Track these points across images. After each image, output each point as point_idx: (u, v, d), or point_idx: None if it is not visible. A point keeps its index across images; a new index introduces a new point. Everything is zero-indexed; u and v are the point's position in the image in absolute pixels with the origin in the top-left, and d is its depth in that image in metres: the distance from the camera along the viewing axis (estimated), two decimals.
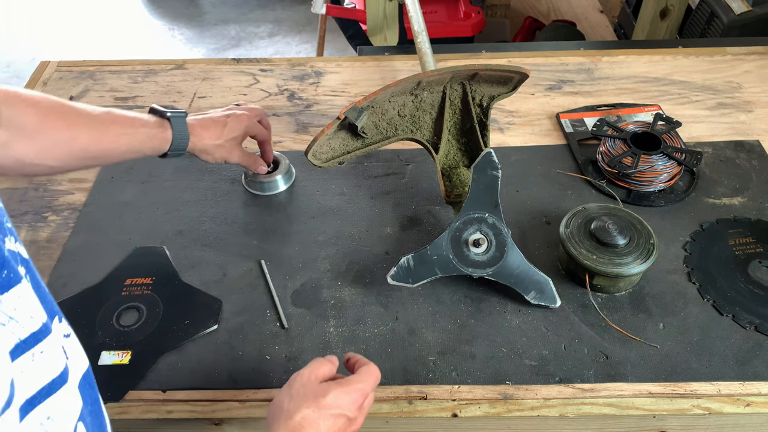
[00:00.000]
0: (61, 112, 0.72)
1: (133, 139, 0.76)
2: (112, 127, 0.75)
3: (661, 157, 0.92)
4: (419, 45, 0.99)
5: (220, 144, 0.84)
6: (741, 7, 1.54)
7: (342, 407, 0.57)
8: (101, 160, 0.77)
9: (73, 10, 3.26)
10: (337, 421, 0.57)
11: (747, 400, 0.70)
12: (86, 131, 0.73)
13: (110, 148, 0.75)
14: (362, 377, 0.60)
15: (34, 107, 0.70)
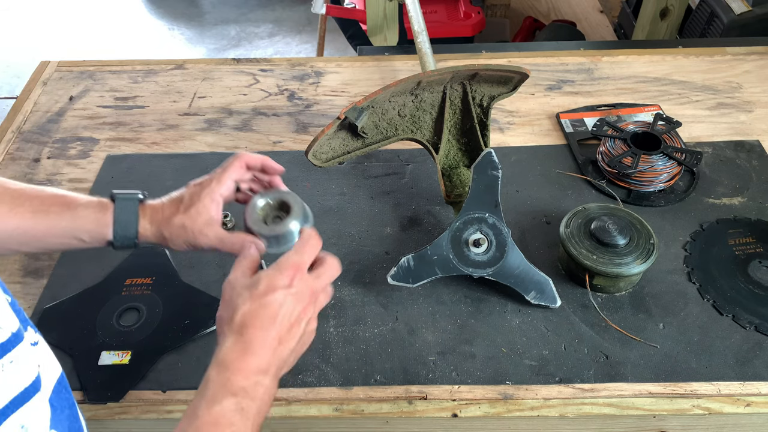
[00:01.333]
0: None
1: (58, 218, 0.63)
2: (28, 202, 0.63)
3: (661, 157, 0.92)
4: (419, 45, 1.00)
5: (178, 224, 0.64)
6: (741, 7, 1.54)
7: (279, 286, 0.54)
8: (12, 242, 0.64)
9: (73, 10, 3.26)
10: (283, 305, 0.53)
11: (747, 400, 0.70)
12: (12, 211, 0.62)
13: (23, 227, 0.63)
14: (296, 252, 0.57)
15: None
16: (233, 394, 0.51)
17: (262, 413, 0.52)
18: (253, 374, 0.52)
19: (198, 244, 0.65)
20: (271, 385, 0.53)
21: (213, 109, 1.11)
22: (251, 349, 0.52)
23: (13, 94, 2.68)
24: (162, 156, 1.01)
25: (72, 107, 1.12)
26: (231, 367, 0.52)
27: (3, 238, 0.63)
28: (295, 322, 0.55)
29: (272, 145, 1.03)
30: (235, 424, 0.49)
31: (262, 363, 0.52)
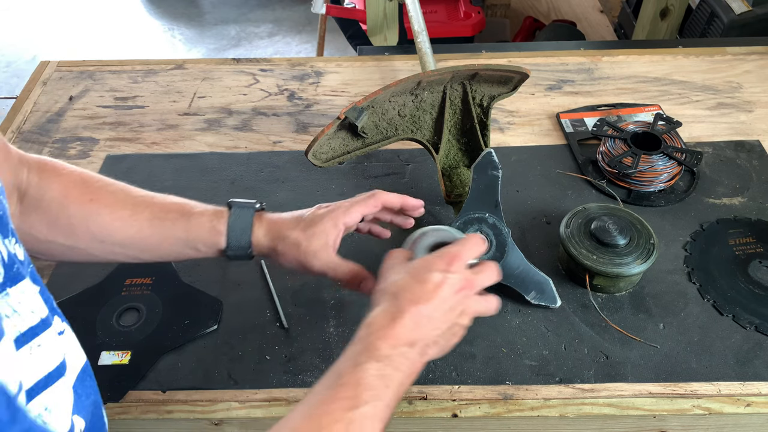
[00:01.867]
0: (88, 186, 0.62)
1: (173, 226, 0.63)
2: (147, 210, 0.63)
3: (661, 157, 0.92)
4: (419, 45, 0.99)
5: (293, 240, 0.63)
6: (741, 7, 1.54)
7: (436, 268, 0.54)
8: (133, 249, 0.63)
9: (72, 10, 3.26)
10: (438, 285, 0.54)
11: (747, 400, 0.70)
12: (111, 210, 0.62)
13: (141, 235, 0.62)
14: (457, 244, 0.58)
15: (60, 177, 0.62)
16: (377, 359, 0.51)
17: (404, 386, 0.52)
18: (399, 344, 0.52)
19: (308, 265, 0.64)
20: (416, 359, 0.53)
21: (213, 109, 1.11)
22: (401, 318, 0.52)
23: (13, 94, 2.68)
24: (162, 156, 1.01)
25: (72, 107, 1.11)
26: (378, 332, 0.52)
27: (124, 244, 0.63)
28: (447, 306, 0.54)
29: (272, 145, 1.03)
30: (375, 389, 0.49)
31: (410, 335, 0.52)
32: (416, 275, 0.55)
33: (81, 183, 0.63)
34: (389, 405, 0.50)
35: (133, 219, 0.62)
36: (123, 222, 0.62)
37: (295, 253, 0.63)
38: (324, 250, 0.63)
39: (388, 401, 0.50)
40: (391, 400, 0.50)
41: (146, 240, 0.63)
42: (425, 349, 0.54)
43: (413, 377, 0.54)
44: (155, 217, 0.63)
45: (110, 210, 0.62)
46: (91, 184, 0.63)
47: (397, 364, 0.51)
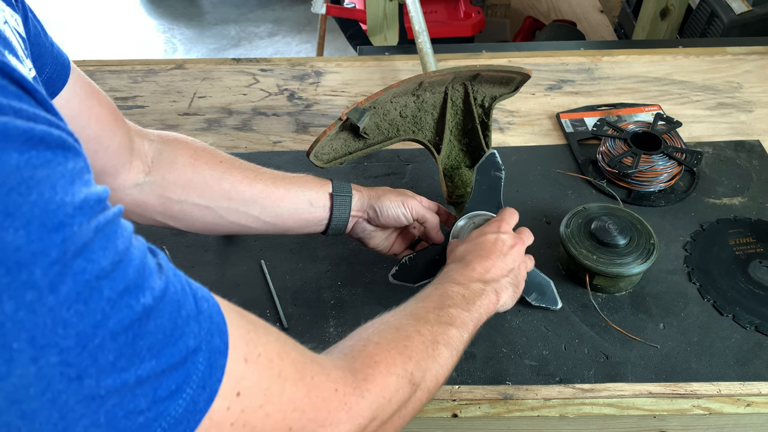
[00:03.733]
0: (215, 152, 0.70)
1: (292, 186, 0.71)
2: (268, 173, 0.72)
3: (661, 157, 0.92)
4: (420, 45, 0.99)
5: (389, 196, 0.74)
6: (741, 7, 1.54)
7: (489, 232, 0.68)
8: (256, 207, 0.70)
9: (72, 10, 3.26)
10: (494, 241, 0.67)
11: (747, 400, 0.70)
12: (240, 171, 0.70)
13: (266, 192, 0.70)
14: (498, 216, 0.72)
15: (188, 145, 0.69)
16: (458, 283, 0.62)
17: (482, 315, 0.62)
18: (472, 281, 0.63)
19: (409, 205, 0.74)
20: (490, 292, 0.64)
21: (213, 109, 1.11)
22: (470, 265, 0.64)
23: None
24: None
25: None
26: (453, 277, 0.63)
27: (250, 202, 0.69)
28: (506, 257, 0.66)
29: (272, 145, 1.03)
30: (457, 305, 0.59)
31: (481, 276, 0.64)
32: (475, 240, 0.68)
33: (207, 150, 0.70)
34: (471, 320, 0.60)
35: (258, 179, 0.70)
36: (251, 180, 0.69)
37: (394, 201, 0.74)
38: (413, 199, 0.76)
39: (470, 315, 0.60)
40: (471, 322, 0.60)
41: (271, 197, 0.70)
42: (498, 289, 0.65)
43: (489, 312, 0.63)
44: (276, 177, 0.71)
45: (239, 170, 0.69)
46: (215, 151, 0.71)
47: (474, 292, 0.62)
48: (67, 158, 0.29)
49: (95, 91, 0.60)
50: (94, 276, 0.28)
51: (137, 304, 0.30)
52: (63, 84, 0.55)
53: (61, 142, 0.29)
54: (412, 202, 0.75)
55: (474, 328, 0.60)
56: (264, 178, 0.71)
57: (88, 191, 0.30)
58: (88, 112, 0.58)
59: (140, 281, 0.31)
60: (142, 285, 0.31)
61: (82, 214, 0.29)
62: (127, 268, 0.30)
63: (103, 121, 0.60)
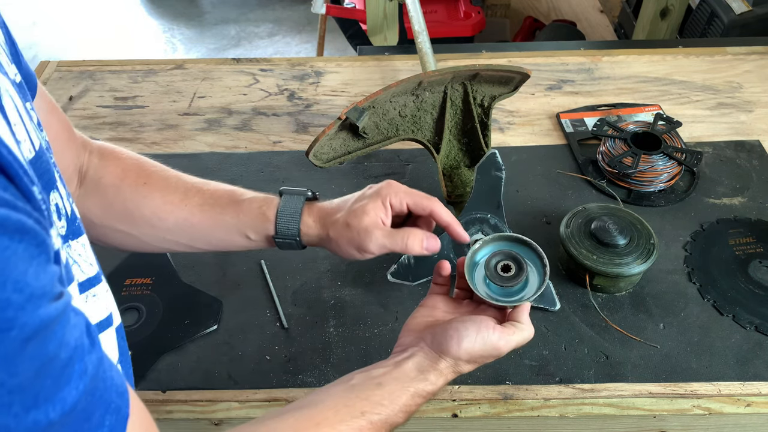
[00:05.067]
0: (144, 170, 0.63)
1: (223, 212, 0.62)
2: (198, 195, 0.63)
3: (661, 157, 0.92)
4: (420, 45, 0.99)
5: (342, 222, 0.61)
6: (741, 7, 1.54)
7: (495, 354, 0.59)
8: (184, 236, 0.63)
9: (72, 10, 3.26)
10: None
11: (747, 400, 0.70)
12: (163, 194, 0.62)
13: (192, 220, 0.62)
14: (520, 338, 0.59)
15: (119, 161, 0.63)
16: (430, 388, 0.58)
17: None
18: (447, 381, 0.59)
19: (364, 245, 0.61)
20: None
21: (213, 109, 1.11)
22: (461, 369, 0.59)
23: None
24: (162, 156, 1.00)
25: (72, 107, 1.11)
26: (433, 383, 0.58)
27: (175, 230, 0.63)
28: None
29: (272, 145, 1.03)
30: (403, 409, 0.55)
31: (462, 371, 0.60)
32: (489, 351, 0.57)
33: (137, 167, 0.64)
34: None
35: (184, 204, 0.62)
36: (174, 206, 0.62)
37: (347, 235, 0.61)
38: (375, 227, 0.61)
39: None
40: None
41: (197, 226, 0.63)
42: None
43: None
44: (205, 203, 0.63)
45: (162, 194, 0.62)
46: (147, 168, 0.64)
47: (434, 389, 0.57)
48: (22, 242, 0.28)
49: (55, 108, 0.58)
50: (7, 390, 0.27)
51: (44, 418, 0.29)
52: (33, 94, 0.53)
53: (20, 226, 0.28)
54: (370, 247, 0.61)
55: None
56: (191, 204, 0.62)
57: (37, 284, 0.29)
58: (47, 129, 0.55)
59: (55, 391, 0.29)
60: (53, 398, 0.29)
61: (24, 310, 0.28)
62: (45, 379, 0.29)
63: (59, 139, 0.58)
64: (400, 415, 0.54)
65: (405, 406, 0.54)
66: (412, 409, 0.55)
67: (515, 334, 0.58)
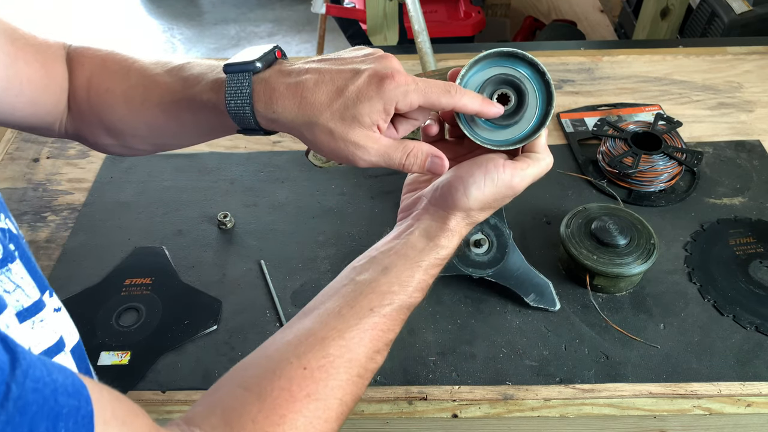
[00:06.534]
0: (105, 74, 0.57)
1: (184, 112, 0.54)
2: (157, 94, 0.55)
3: (661, 157, 0.92)
4: (420, 45, 0.99)
5: (324, 126, 0.48)
6: (742, 6, 1.54)
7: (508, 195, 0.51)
8: (165, 137, 0.58)
9: (72, 10, 3.26)
10: None
11: (748, 400, 0.70)
12: (125, 98, 0.56)
13: (158, 123, 0.56)
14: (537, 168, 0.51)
15: (82, 68, 0.58)
16: (445, 248, 0.53)
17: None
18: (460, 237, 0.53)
19: (350, 159, 0.49)
20: None
21: None
22: (474, 218, 0.53)
23: None
24: (162, 156, 1.01)
25: None
26: (448, 239, 0.52)
27: (151, 134, 0.58)
28: None
29: (272, 144, 1.03)
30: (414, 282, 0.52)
31: (476, 221, 0.54)
32: (504, 191, 0.50)
33: (99, 71, 0.58)
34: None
35: (145, 107, 0.56)
36: (137, 111, 0.56)
37: (330, 145, 0.48)
38: (368, 139, 0.48)
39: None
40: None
41: (166, 127, 0.57)
42: None
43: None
44: (163, 101, 0.55)
45: (124, 98, 0.56)
46: (108, 69, 0.58)
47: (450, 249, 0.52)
48: None
49: (19, 49, 0.54)
50: None
51: None
52: None
53: None
54: (395, 101, 0.47)
55: None
56: (151, 104, 0.55)
57: None
58: (17, 78, 0.53)
59: None
60: None
61: None
62: None
63: (34, 81, 0.55)
64: (416, 295, 0.50)
65: (419, 284, 0.50)
66: (429, 282, 0.51)
67: (530, 167, 0.50)
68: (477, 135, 0.51)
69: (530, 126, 0.51)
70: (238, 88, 0.48)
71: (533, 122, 0.51)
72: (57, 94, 0.57)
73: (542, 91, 0.51)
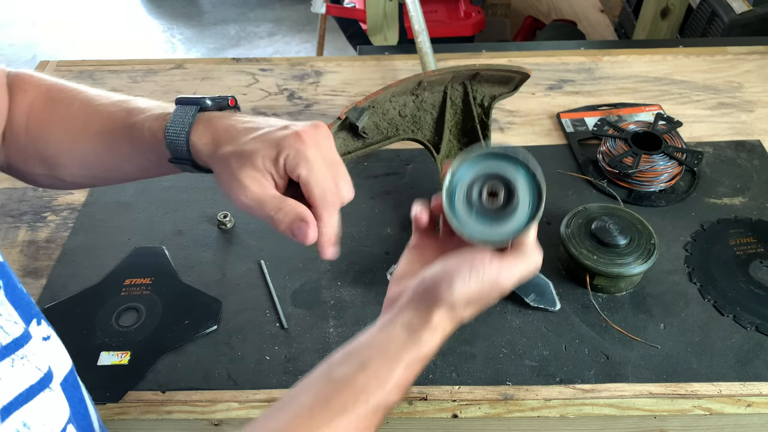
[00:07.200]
0: (48, 104, 0.57)
1: (122, 140, 0.54)
2: (98, 122, 0.55)
3: (662, 157, 0.92)
4: (420, 45, 0.99)
5: (223, 155, 0.49)
6: (742, 6, 1.54)
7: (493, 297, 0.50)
8: (96, 170, 0.58)
9: (72, 10, 3.26)
10: None
11: (748, 400, 0.69)
12: (65, 127, 0.55)
13: (95, 153, 0.55)
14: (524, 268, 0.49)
15: (24, 95, 0.57)
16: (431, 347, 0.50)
17: None
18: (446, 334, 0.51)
19: (231, 194, 0.49)
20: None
21: None
22: (461, 318, 0.51)
23: None
24: None
25: None
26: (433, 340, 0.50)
27: (86, 167, 0.57)
28: None
29: None
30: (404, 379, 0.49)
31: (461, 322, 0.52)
32: (489, 289, 0.48)
33: (42, 100, 0.56)
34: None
35: (84, 136, 0.55)
36: (75, 142, 0.55)
37: (224, 176, 0.49)
38: (252, 181, 0.48)
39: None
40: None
41: (102, 158, 0.56)
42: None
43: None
44: (104, 130, 0.54)
45: (64, 128, 0.55)
46: (52, 98, 0.56)
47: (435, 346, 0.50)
48: None
49: None
50: None
51: None
52: None
53: None
54: (241, 199, 0.49)
55: None
56: (91, 133, 0.55)
57: None
58: None
59: None
60: None
61: None
62: None
63: None
64: (394, 394, 0.46)
65: (399, 381, 0.46)
66: (410, 380, 0.48)
67: (518, 264, 0.48)
68: (465, 229, 0.50)
69: (520, 223, 0.50)
70: (182, 117, 0.51)
71: (523, 219, 0.50)
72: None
73: (533, 188, 0.51)
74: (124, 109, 0.55)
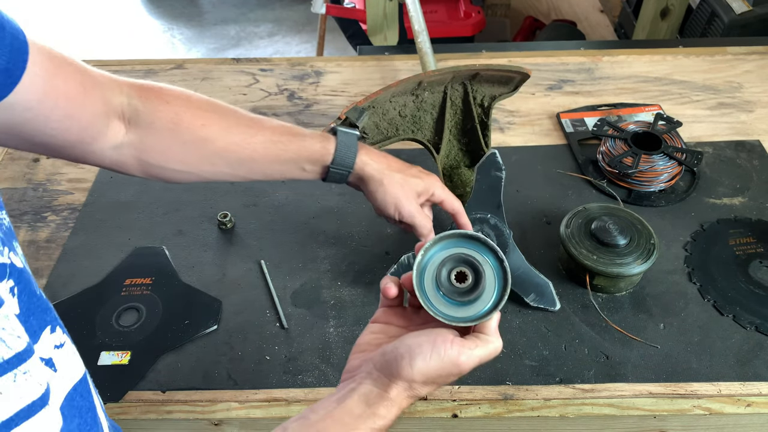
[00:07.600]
0: (198, 110, 0.65)
1: (286, 148, 0.67)
2: (261, 133, 0.66)
3: (661, 157, 0.92)
4: (420, 45, 0.99)
5: (398, 179, 0.70)
6: (742, 6, 1.54)
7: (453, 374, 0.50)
8: (242, 169, 0.67)
9: (72, 10, 3.26)
10: None
11: (748, 400, 0.70)
12: (224, 134, 0.65)
13: (254, 156, 0.66)
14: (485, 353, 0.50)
15: (169, 104, 0.64)
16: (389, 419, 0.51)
17: None
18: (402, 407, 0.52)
19: (402, 203, 0.70)
20: None
21: None
22: (418, 393, 0.51)
23: None
24: None
25: None
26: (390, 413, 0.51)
27: (235, 166, 0.67)
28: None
29: None
30: None
31: (419, 396, 0.52)
32: (449, 369, 0.49)
33: (190, 107, 0.65)
34: None
35: (246, 143, 0.66)
36: (237, 146, 0.65)
37: (395, 190, 0.70)
38: (418, 196, 0.72)
39: None
40: None
41: (258, 161, 0.67)
42: None
43: None
44: (268, 140, 0.66)
45: (224, 135, 0.65)
46: (201, 107, 0.65)
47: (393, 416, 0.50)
48: None
49: (59, 66, 0.57)
50: None
51: None
52: (22, 70, 0.52)
53: None
54: (407, 207, 0.70)
55: None
56: (255, 143, 0.66)
57: None
58: (54, 92, 0.56)
59: None
60: None
61: None
62: None
63: (71, 97, 0.57)
64: None
65: None
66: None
67: (478, 348, 0.49)
68: (432, 307, 0.51)
69: (485, 307, 0.51)
70: (348, 141, 0.69)
71: (488, 304, 0.51)
72: (95, 114, 0.60)
73: (500, 276, 0.52)
74: (284, 126, 0.69)
